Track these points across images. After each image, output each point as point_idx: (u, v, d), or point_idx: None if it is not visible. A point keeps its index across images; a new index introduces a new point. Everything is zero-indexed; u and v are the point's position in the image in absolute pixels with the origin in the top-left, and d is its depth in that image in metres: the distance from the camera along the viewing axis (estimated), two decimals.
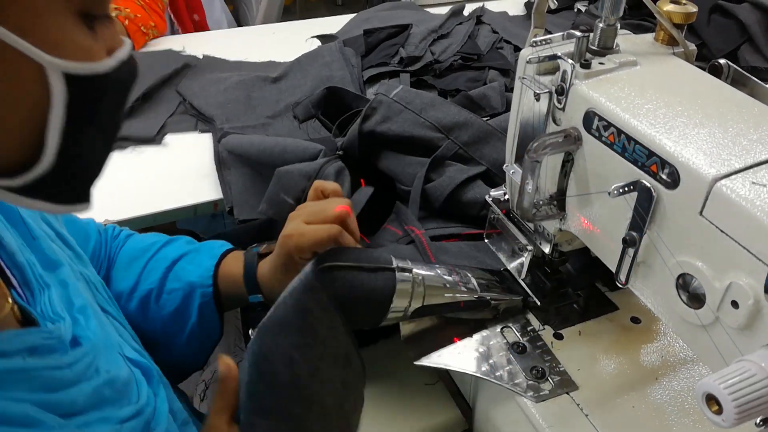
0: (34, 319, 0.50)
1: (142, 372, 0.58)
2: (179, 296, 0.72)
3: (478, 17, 1.43)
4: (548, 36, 0.61)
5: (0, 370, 0.44)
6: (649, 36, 0.63)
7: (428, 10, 1.57)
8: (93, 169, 0.45)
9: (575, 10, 1.54)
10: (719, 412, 0.39)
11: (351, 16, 1.55)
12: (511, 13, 1.55)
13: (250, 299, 0.72)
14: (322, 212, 0.66)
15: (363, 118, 0.89)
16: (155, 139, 1.11)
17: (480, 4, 1.53)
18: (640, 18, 1.37)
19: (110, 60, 0.41)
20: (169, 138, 1.13)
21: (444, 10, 1.45)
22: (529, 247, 0.72)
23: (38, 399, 0.45)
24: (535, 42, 0.61)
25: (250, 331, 0.65)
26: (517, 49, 1.32)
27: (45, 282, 0.54)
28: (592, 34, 0.59)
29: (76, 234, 0.70)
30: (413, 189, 0.86)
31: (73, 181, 0.44)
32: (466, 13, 1.46)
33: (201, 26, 1.80)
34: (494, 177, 0.86)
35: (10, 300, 0.49)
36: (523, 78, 0.62)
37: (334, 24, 1.53)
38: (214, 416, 0.59)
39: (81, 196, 0.45)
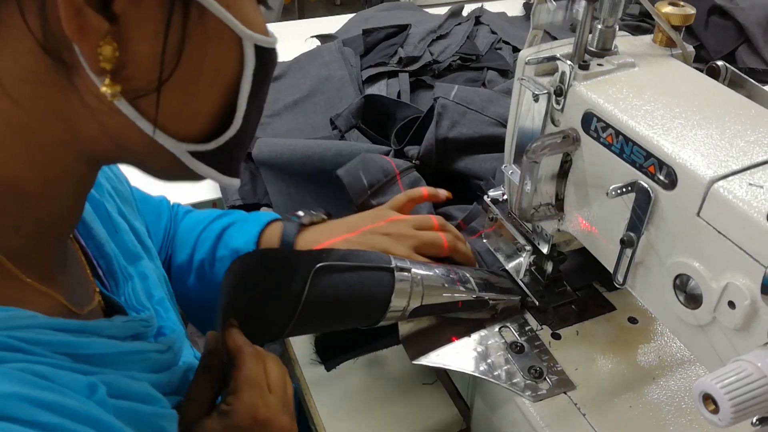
0: (119, 308, 0.53)
1: None
2: (227, 263, 0.72)
3: (477, 18, 1.43)
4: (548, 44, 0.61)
5: (118, 352, 0.46)
6: (648, 37, 0.63)
7: (427, 10, 1.57)
8: (248, 142, 0.49)
9: (574, 10, 1.54)
10: (716, 411, 0.39)
11: (350, 16, 1.55)
12: (509, 14, 1.55)
13: None
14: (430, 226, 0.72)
15: (435, 125, 0.91)
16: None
17: (479, 5, 1.53)
18: (638, 19, 1.37)
19: (275, 38, 0.45)
20: None
21: (443, 11, 1.45)
22: (528, 248, 0.72)
23: (151, 379, 0.48)
24: (534, 43, 0.61)
25: None
26: (516, 50, 1.33)
27: (128, 273, 0.57)
28: (590, 35, 0.59)
29: (149, 212, 0.74)
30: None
31: (237, 152, 0.47)
32: (464, 13, 1.47)
33: None
34: None
35: (97, 289, 0.52)
36: (522, 79, 0.62)
37: (333, 24, 1.53)
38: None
39: (237, 171, 0.49)
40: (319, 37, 1.44)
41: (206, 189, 1.02)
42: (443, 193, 0.78)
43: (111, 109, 0.39)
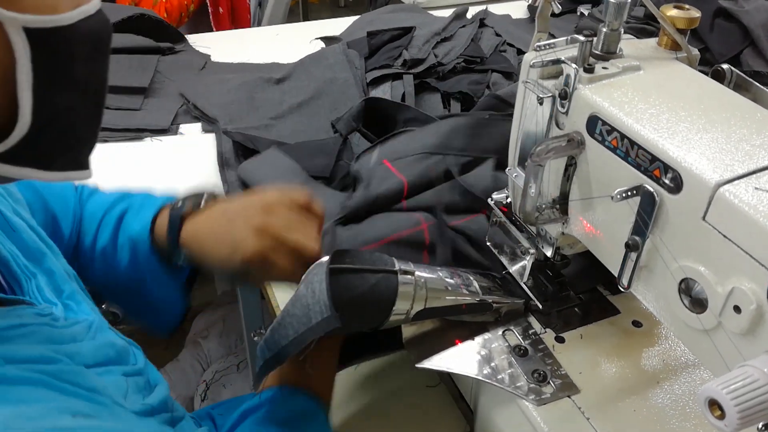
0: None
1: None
2: (127, 251, 0.71)
3: (481, 20, 1.43)
4: (552, 41, 0.61)
5: (2, 327, 0.46)
6: (653, 41, 0.63)
7: (431, 12, 1.57)
8: (80, 131, 0.45)
9: (578, 13, 1.54)
10: (722, 417, 0.39)
11: (354, 18, 1.55)
12: (514, 17, 1.55)
13: (175, 262, 0.69)
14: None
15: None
16: (170, 129, 1.13)
17: (483, 7, 1.53)
18: (643, 22, 1.37)
19: (74, 12, 0.40)
20: (170, 137, 1.13)
21: (447, 13, 1.45)
22: (531, 251, 0.72)
23: (47, 347, 0.48)
24: (539, 46, 0.61)
25: (252, 334, 0.65)
26: (520, 52, 1.32)
27: (30, 272, 0.55)
28: (595, 39, 0.59)
29: (55, 197, 0.71)
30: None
31: (59, 145, 0.43)
32: (469, 15, 1.46)
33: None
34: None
35: None
36: (527, 82, 0.62)
37: (337, 26, 1.53)
38: None
39: (75, 163, 0.45)
40: (323, 39, 1.44)
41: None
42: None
43: None
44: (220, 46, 1.44)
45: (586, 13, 1.52)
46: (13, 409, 0.41)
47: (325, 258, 0.62)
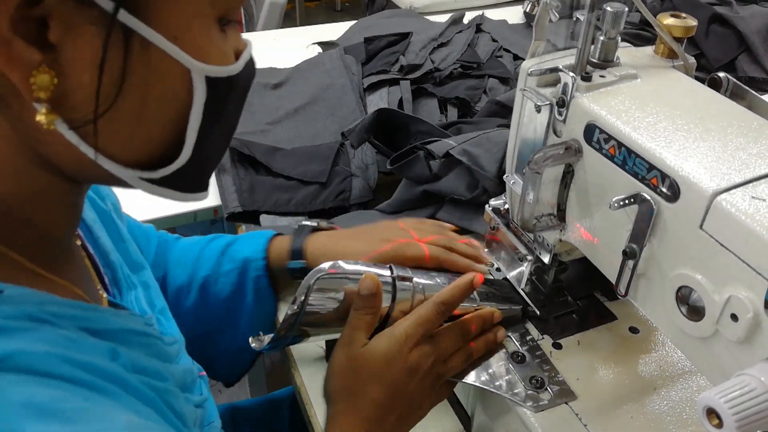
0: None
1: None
2: (235, 275, 0.75)
3: (478, 25, 1.44)
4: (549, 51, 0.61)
5: (130, 330, 0.48)
6: (649, 49, 0.64)
7: (428, 18, 1.58)
8: (215, 161, 0.49)
9: (574, 19, 1.55)
10: (720, 425, 0.39)
11: (351, 22, 1.56)
12: (510, 22, 1.55)
13: (289, 264, 0.75)
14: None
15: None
16: None
17: (480, 13, 1.53)
18: (639, 27, 1.38)
19: (239, 62, 0.44)
20: None
21: (444, 18, 1.46)
22: (529, 257, 0.72)
23: (159, 363, 0.50)
24: (536, 54, 0.61)
25: (250, 339, 0.65)
26: (517, 58, 1.33)
27: (132, 282, 0.58)
28: (592, 47, 0.60)
29: (140, 236, 0.74)
30: None
31: (200, 174, 0.47)
32: (465, 21, 1.47)
33: None
34: None
35: (105, 296, 0.53)
36: (524, 90, 0.62)
37: (334, 31, 1.53)
38: (352, 330, 0.60)
39: (202, 186, 0.49)
40: (320, 44, 1.44)
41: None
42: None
43: (52, 134, 0.39)
44: None
45: (582, 18, 1.52)
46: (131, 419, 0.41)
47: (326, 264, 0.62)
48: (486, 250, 0.79)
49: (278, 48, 1.51)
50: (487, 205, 0.77)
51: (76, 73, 0.37)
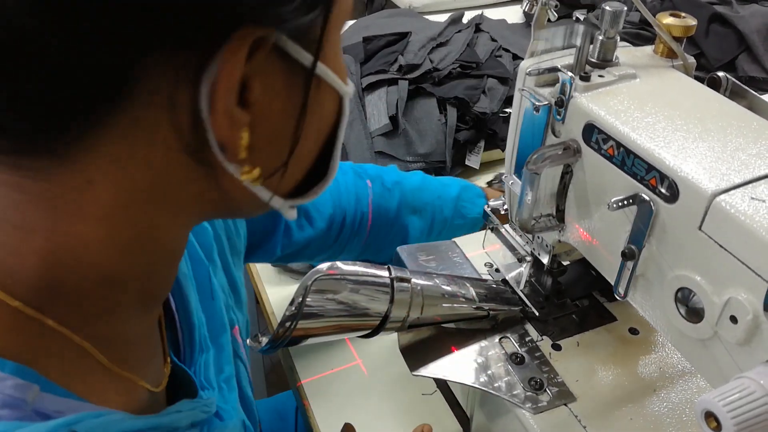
0: (186, 380, 0.51)
1: None
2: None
3: (477, 25, 1.43)
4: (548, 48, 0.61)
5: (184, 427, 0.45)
6: (649, 48, 0.63)
7: (427, 17, 1.57)
8: None
9: (573, 18, 1.54)
10: (718, 429, 0.39)
11: (350, 22, 1.55)
12: (509, 21, 1.55)
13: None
14: None
15: None
16: None
17: (479, 12, 1.53)
18: (638, 27, 1.37)
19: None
20: None
21: (443, 18, 1.45)
22: (528, 258, 0.72)
23: None
24: (535, 53, 0.61)
25: (248, 340, 0.65)
26: (516, 57, 1.32)
27: (207, 344, 0.55)
28: (591, 46, 0.59)
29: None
30: None
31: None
32: (465, 20, 1.46)
33: None
34: None
35: (168, 360, 0.51)
36: (523, 89, 0.62)
37: None
38: None
39: None
40: None
41: None
42: None
43: (240, 188, 0.38)
44: None
45: (581, 18, 1.52)
46: None
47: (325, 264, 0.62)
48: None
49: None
50: (486, 206, 0.77)
51: (266, 127, 0.37)
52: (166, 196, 0.37)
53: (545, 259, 0.69)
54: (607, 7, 0.57)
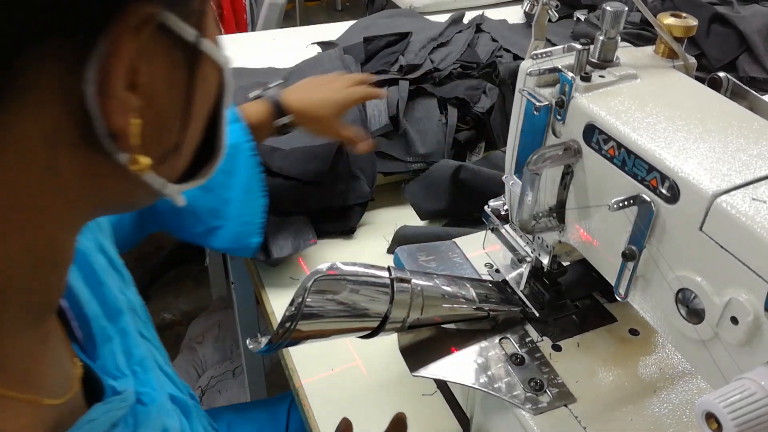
0: (96, 377, 0.48)
1: (181, 410, 0.57)
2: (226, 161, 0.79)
3: (478, 25, 1.43)
4: (549, 48, 0.61)
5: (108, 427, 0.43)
6: (649, 49, 0.63)
7: (428, 17, 1.57)
8: None
9: (574, 19, 1.54)
10: (719, 430, 0.39)
11: (351, 22, 1.55)
12: (510, 22, 1.55)
13: (277, 122, 0.90)
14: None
15: None
16: None
17: (479, 12, 1.53)
18: (639, 27, 1.37)
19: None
20: None
21: (444, 18, 1.45)
22: (528, 259, 0.72)
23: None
24: (536, 54, 0.61)
25: (248, 341, 0.65)
26: (517, 58, 1.32)
27: (108, 334, 0.52)
28: (592, 47, 0.59)
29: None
30: None
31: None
32: (465, 21, 1.46)
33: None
34: None
35: (78, 364, 0.47)
36: (523, 90, 0.62)
37: (334, 30, 1.53)
38: None
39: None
40: (320, 44, 1.43)
41: None
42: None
43: (132, 179, 0.36)
44: None
45: (582, 18, 1.52)
46: None
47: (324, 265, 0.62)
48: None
49: (278, 48, 1.50)
50: (486, 206, 0.76)
51: (157, 109, 0.35)
52: (56, 195, 0.35)
53: (545, 260, 0.69)
54: (608, 8, 0.56)
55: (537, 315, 0.71)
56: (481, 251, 0.81)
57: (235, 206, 0.84)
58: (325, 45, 1.42)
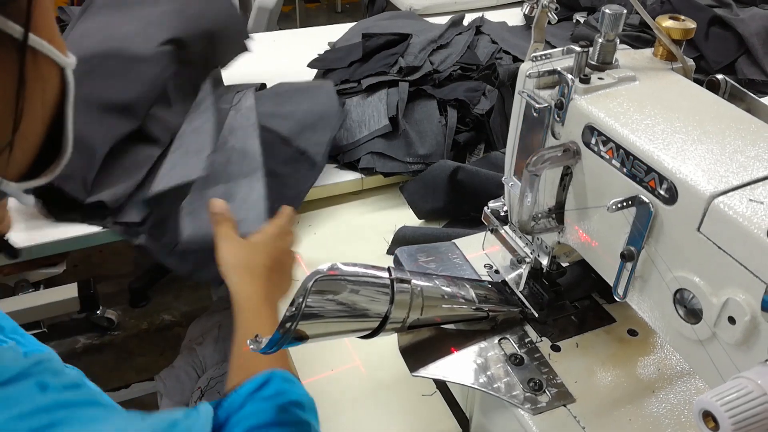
0: None
1: None
2: None
3: (478, 27, 1.44)
4: (548, 51, 0.61)
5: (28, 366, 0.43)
6: (648, 51, 0.64)
7: (428, 19, 1.58)
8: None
9: (574, 21, 1.55)
10: (716, 428, 0.39)
11: (351, 24, 1.56)
12: (510, 24, 1.56)
13: None
14: None
15: None
16: None
17: (479, 14, 1.53)
18: (638, 30, 1.38)
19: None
20: None
21: (444, 20, 1.46)
22: (528, 259, 0.72)
23: (65, 377, 0.46)
24: (535, 56, 0.61)
25: (248, 341, 0.65)
26: (516, 60, 1.33)
27: None
28: (591, 49, 0.60)
29: None
30: None
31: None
32: (465, 23, 1.47)
33: None
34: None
35: None
36: (523, 92, 0.62)
37: (333, 32, 1.53)
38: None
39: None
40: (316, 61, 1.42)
41: None
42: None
43: None
44: None
45: (581, 20, 1.52)
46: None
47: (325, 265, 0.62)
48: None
49: (278, 48, 1.51)
50: (486, 207, 0.77)
51: None
52: None
53: (545, 261, 0.70)
54: (607, 10, 0.57)
55: (536, 315, 0.72)
56: (480, 252, 0.81)
57: None
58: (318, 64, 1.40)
